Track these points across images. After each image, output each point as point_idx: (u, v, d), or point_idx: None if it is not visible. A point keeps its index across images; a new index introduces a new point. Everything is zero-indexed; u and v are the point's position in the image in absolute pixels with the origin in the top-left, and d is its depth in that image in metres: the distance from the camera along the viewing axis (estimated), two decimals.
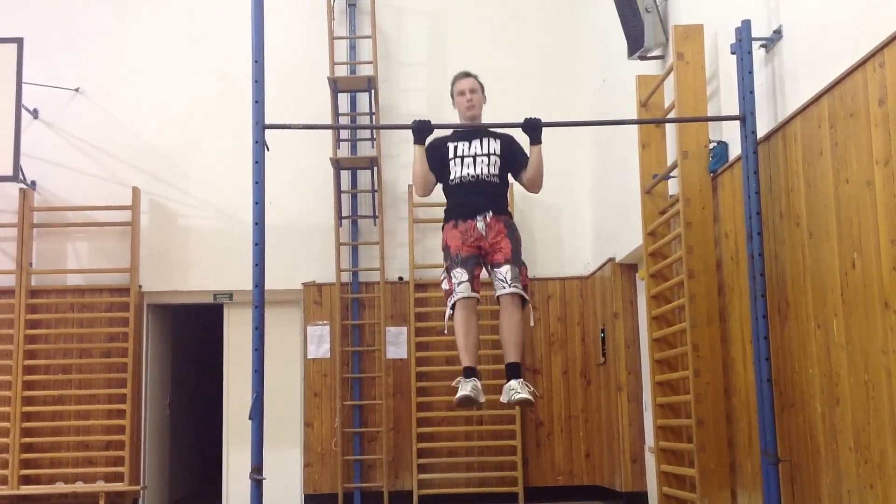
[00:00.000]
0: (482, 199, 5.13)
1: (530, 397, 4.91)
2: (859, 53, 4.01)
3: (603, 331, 8.84)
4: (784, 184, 4.85)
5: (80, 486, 8.98)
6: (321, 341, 9.39)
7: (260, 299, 4.84)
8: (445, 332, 5.26)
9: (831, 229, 4.33)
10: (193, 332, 11.03)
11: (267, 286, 4.91)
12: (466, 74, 5.50)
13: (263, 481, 4.75)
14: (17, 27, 9.22)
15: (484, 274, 5.13)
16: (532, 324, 5.17)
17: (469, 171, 5.18)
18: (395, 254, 9.54)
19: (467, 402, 4.86)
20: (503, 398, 4.96)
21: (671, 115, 6.16)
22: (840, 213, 4.25)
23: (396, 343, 9.34)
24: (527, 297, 5.04)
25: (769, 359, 4.79)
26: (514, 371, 4.98)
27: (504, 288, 4.99)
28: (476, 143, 5.25)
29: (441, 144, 5.31)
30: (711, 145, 5.77)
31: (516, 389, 4.88)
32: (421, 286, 9.33)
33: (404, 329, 9.34)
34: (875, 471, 3.96)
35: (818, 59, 4.47)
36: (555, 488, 9.21)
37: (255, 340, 4.83)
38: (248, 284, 5.03)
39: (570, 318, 9.49)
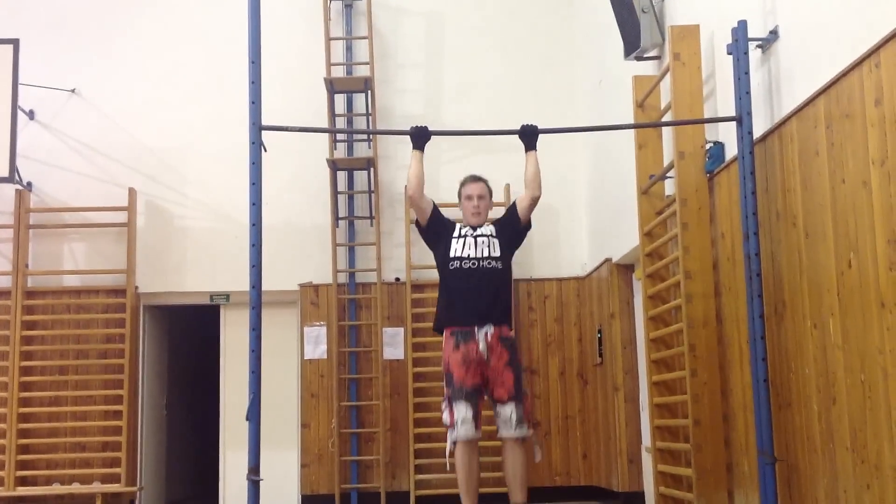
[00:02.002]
0: (483, 303, 5.16)
1: None
2: (855, 54, 4.02)
3: (600, 331, 8.85)
4: (780, 184, 4.85)
5: (76, 488, 8.97)
6: (318, 342, 9.39)
7: (257, 300, 4.83)
8: (447, 468, 5.36)
9: (828, 229, 4.34)
10: (190, 333, 11.02)
11: (264, 287, 4.91)
12: (476, 178, 5.56)
13: (260, 482, 4.75)
14: (13, 28, 9.20)
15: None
16: (539, 458, 5.32)
17: (470, 252, 5.25)
18: (392, 255, 9.54)
19: None
20: None
21: (668, 116, 6.17)
22: (836, 214, 4.26)
23: (393, 344, 9.35)
24: (531, 433, 5.14)
25: (766, 359, 4.80)
26: None
27: (509, 431, 5.10)
28: (479, 231, 5.39)
29: (448, 220, 5.47)
30: (708, 146, 5.78)
31: None
32: (418, 287, 9.33)
33: (401, 330, 9.34)
34: (872, 470, 3.97)
35: (814, 60, 4.48)
36: (552, 488, 9.21)
37: (252, 341, 4.82)
38: (244, 285, 5.03)
39: (567, 318, 9.50)
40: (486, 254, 5.26)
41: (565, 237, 9.60)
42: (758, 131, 5.00)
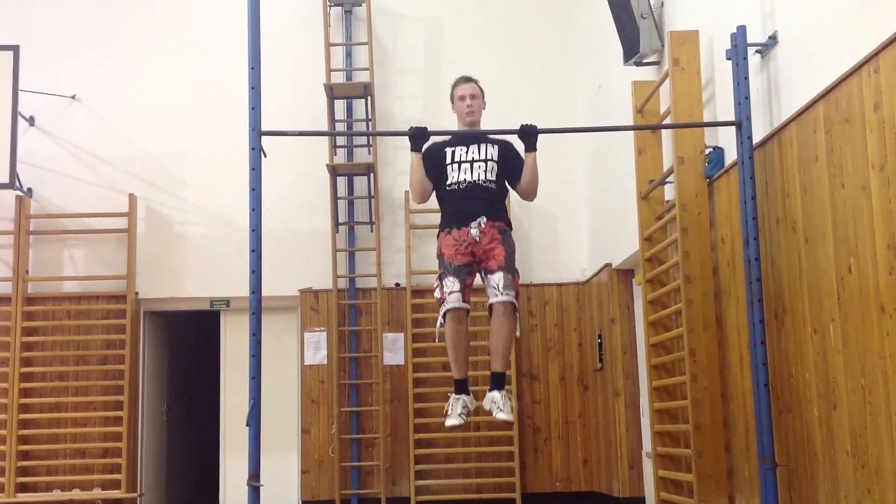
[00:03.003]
0: (477, 204, 5.10)
1: (510, 418, 4.94)
2: (854, 59, 4.02)
3: (600, 336, 8.84)
4: (780, 189, 4.86)
5: (76, 494, 8.96)
6: (318, 348, 9.38)
7: (257, 306, 4.84)
8: (437, 339, 5.27)
9: (827, 234, 4.34)
10: (190, 338, 11.02)
11: (264, 293, 4.91)
12: (467, 79, 5.50)
13: (261, 488, 4.75)
14: (13, 35, 9.20)
15: (477, 280, 5.12)
16: (518, 334, 5.19)
17: (466, 176, 5.15)
18: (392, 260, 9.54)
19: (457, 428, 4.94)
20: (485, 405, 4.98)
21: (667, 121, 6.17)
22: (836, 218, 4.26)
23: (393, 349, 9.34)
24: (517, 304, 5.01)
25: (766, 364, 4.80)
26: (498, 381, 5.00)
27: (496, 296, 4.96)
28: (474, 147, 5.24)
29: (439, 150, 5.30)
30: (707, 151, 5.78)
31: (499, 405, 4.91)
32: (418, 292, 9.33)
33: (401, 335, 9.34)
34: (872, 475, 3.97)
35: (813, 65, 4.49)
36: (552, 494, 9.21)
37: (252, 347, 4.82)
38: (244, 291, 5.03)
39: (567, 323, 9.49)
40: (482, 178, 5.14)
41: (565, 242, 9.60)
42: (757, 136, 5.00)
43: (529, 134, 5.17)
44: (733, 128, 5.02)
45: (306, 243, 9.50)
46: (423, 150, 5.24)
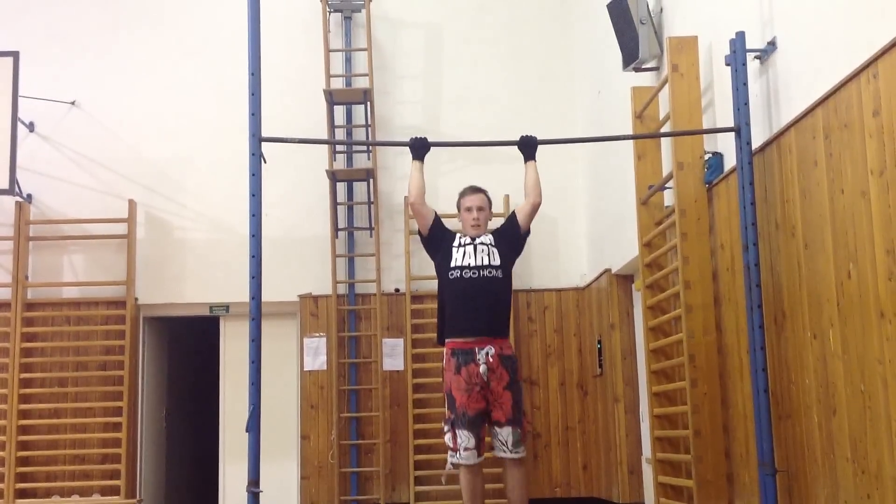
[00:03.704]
0: (483, 314, 5.19)
1: None
2: (853, 65, 4.03)
3: (599, 342, 8.84)
4: (779, 194, 4.86)
5: (76, 500, 8.95)
6: (317, 353, 9.38)
7: (256, 311, 4.84)
8: (443, 482, 5.58)
9: (827, 239, 4.34)
10: (190, 344, 11.01)
11: (263, 298, 4.91)
12: (475, 190, 5.59)
13: (260, 494, 4.74)
14: (12, 41, 9.22)
15: None
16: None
17: (470, 260, 5.27)
18: (392, 265, 9.54)
19: None
20: None
21: (666, 127, 6.18)
22: (835, 224, 4.26)
23: (393, 355, 9.34)
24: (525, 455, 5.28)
25: (766, 369, 4.80)
26: None
27: (505, 452, 5.20)
28: (478, 240, 5.42)
29: (449, 232, 5.49)
30: (706, 156, 5.78)
31: None
32: (417, 298, 9.33)
33: (401, 341, 9.34)
34: (872, 481, 3.96)
35: (812, 71, 4.49)
36: (552, 500, 9.20)
37: (252, 352, 4.82)
38: (244, 296, 5.03)
39: (567, 329, 9.49)
40: (485, 262, 5.29)
41: (564, 248, 9.61)
42: (756, 142, 5.01)
43: (529, 145, 5.32)
44: (732, 133, 5.02)
45: (306, 249, 9.51)
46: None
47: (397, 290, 9.49)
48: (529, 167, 5.39)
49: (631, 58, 6.77)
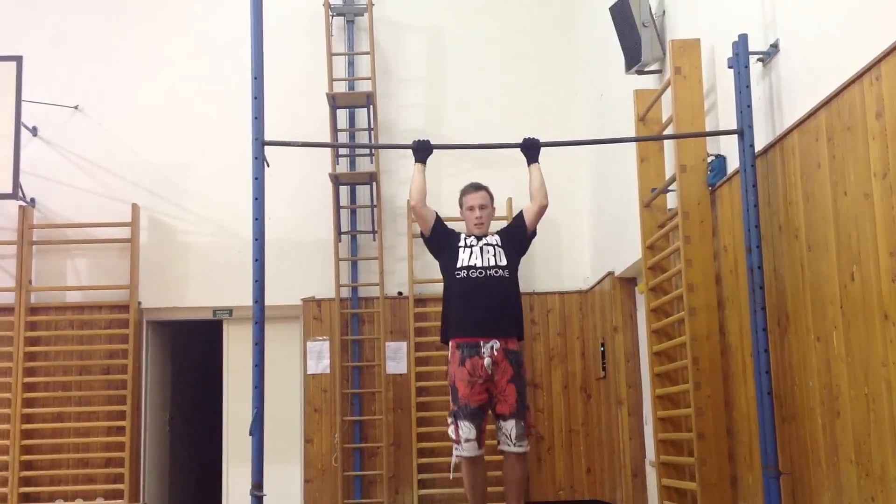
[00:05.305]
0: (489, 313, 5.20)
1: None
2: (856, 67, 4.02)
3: (603, 345, 8.84)
4: (782, 197, 4.86)
5: None
6: (321, 357, 9.39)
7: (260, 315, 4.83)
8: (451, 477, 5.53)
9: (830, 242, 4.34)
10: (193, 348, 11.02)
11: (266, 302, 4.91)
12: (477, 187, 5.60)
13: (264, 497, 4.74)
14: (16, 45, 9.24)
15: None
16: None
17: (476, 260, 5.28)
18: (395, 269, 9.55)
19: None
20: None
21: (669, 129, 6.18)
22: (839, 226, 4.26)
23: (396, 358, 9.34)
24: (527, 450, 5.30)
25: (769, 372, 4.79)
26: None
27: (509, 446, 5.22)
28: (485, 241, 5.44)
29: (453, 232, 5.49)
30: (710, 159, 5.78)
31: None
32: (420, 301, 9.33)
33: (404, 344, 9.34)
34: (876, 483, 3.96)
35: (815, 73, 4.49)
36: (556, 503, 9.19)
37: (255, 356, 4.82)
38: (247, 300, 5.03)
39: (570, 332, 9.49)
40: (492, 262, 5.29)
41: (567, 251, 9.61)
42: (759, 144, 5.00)
43: (532, 147, 5.32)
44: (735, 136, 5.02)
45: (309, 252, 9.51)
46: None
47: (400, 294, 9.49)
48: (533, 170, 5.41)
49: (633, 61, 6.78)
